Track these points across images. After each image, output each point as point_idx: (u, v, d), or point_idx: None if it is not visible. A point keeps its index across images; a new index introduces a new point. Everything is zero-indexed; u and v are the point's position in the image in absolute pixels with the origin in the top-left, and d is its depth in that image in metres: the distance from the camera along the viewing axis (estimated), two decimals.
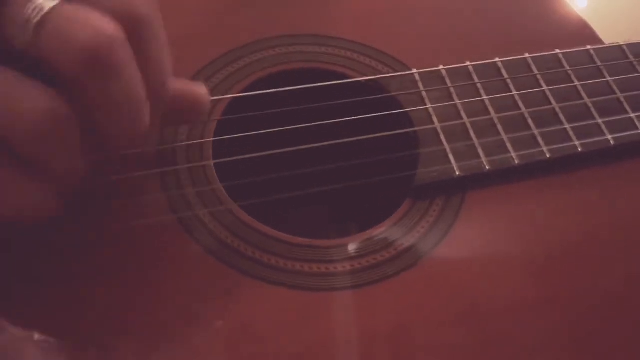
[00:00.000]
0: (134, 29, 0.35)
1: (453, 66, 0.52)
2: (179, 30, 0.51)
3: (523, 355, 0.41)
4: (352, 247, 0.44)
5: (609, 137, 0.50)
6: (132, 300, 0.39)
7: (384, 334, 0.40)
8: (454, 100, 0.50)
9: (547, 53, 0.54)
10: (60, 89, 0.33)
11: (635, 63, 0.55)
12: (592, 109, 0.51)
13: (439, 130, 0.49)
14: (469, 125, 0.49)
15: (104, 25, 0.33)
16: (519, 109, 0.51)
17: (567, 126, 0.50)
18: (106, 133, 0.36)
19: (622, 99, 0.53)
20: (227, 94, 0.49)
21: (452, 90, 0.51)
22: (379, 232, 0.45)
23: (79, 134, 0.35)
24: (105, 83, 0.34)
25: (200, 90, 0.42)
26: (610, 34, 0.58)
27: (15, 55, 0.33)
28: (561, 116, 0.51)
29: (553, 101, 0.51)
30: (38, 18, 0.32)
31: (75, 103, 0.34)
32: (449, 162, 0.47)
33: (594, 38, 0.57)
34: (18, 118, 0.32)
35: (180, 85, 0.41)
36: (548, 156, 0.48)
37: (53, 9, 0.33)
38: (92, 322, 0.38)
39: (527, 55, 0.54)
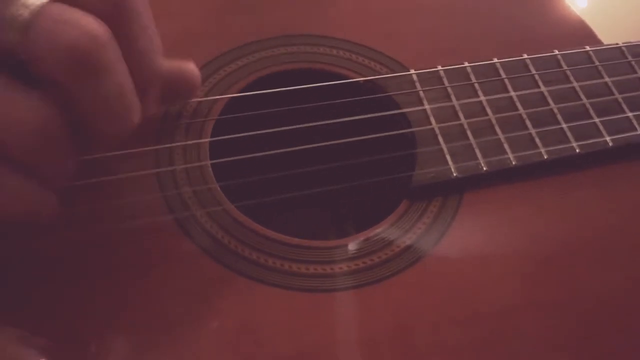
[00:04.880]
0: (121, 21, 0.35)
1: (451, 67, 0.52)
2: (178, 30, 0.51)
3: (520, 356, 0.41)
4: (349, 248, 0.44)
5: (607, 138, 0.50)
6: (128, 301, 0.39)
7: (383, 334, 0.40)
8: (451, 101, 0.50)
9: (545, 54, 0.54)
10: (49, 89, 0.33)
11: (633, 63, 0.55)
12: (590, 110, 0.51)
13: (437, 131, 0.49)
14: (466, 126, 0.49)
15: (90, 24, 0.33)
16: (517, 109, 0.50)
17: (565, 127, 0.50)
18: (98, 130, 0.36)
19: (621, 100, 0.52)
20: (224, 94, 0.49)
21: (449, 90, 0.51)
22: (377, 232, 0.45)
23: (71, 136, 0.35)
24: (93, 82, 0.34)
25: (190, 66, 0.42)
26: (610, 34, 0.58)
27: (3, 56, 0.33)
28: (559, 117, 0.51)
29: (551, 102, 0.51)
30: (25, 17, 0.32)
31: (64, 102, 0.34)
32: (446, 163, 0.47)
33: (593, 39, 0.57)
34: (12, 126, 0.32)
35: (169, 64, 0.41)
36: (546, 157, 0.48)
37: (40, 8, 0.33)
38: (88, 323, 0.38)
39: (525, 56, 0.53)
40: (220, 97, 0.48)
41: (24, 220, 0.36)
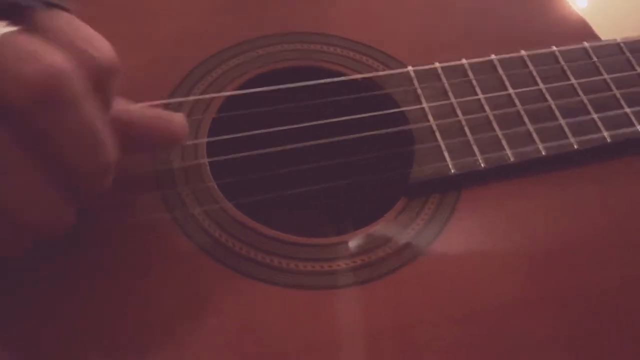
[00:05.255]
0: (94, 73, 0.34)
1: (448, 63, 0.52)
2: (176, 28, 0.52)
3: (518, 354, 0.41)
4: (347, 246, 0.44)
5: (605, 134, 0.50)
6: (126, 300, 0.39)
7: (383, 331, 0.40)
8: (449, 98, 0.50)
9: (543, 50, 0.54)
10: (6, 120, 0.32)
11: (632, 59, 0.55)
12: (589, 106, 0.51)
13: (434, 127, 0.48)
14: (464, 123, 0.49)
15: (50, 58, 0.31)
16: (515, 106, 0.50)
17: (563, 123, 0.50)
18: (70, 167, 0.34)
19: (619, 96, 0.52)
20: (221, 91, 0.49)
21: (447, 87, 0.51)
22: (375, 230, 0.45)
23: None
24: (58, 116, 0.32)
25: (176, 116, 0.41)
26: (611, 34, 0.58)
27: None
28: (557, 113, 0.51)
29: (549, 98, 0.51)
30: None
31: (32, 136, 0.32)
32: (444, 159, 0.47)
33: (592, 37, 0.57)
34: None
35: (155, 112, 0.40)
36: (544, 153, 0.48)
37: (2, 38, 0.31)
38: (88, 322, 0.38)
39: (523, 52, 0.53)
40: (218, 95, 0.48)
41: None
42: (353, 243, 0.44)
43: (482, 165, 0.47)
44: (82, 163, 0.34)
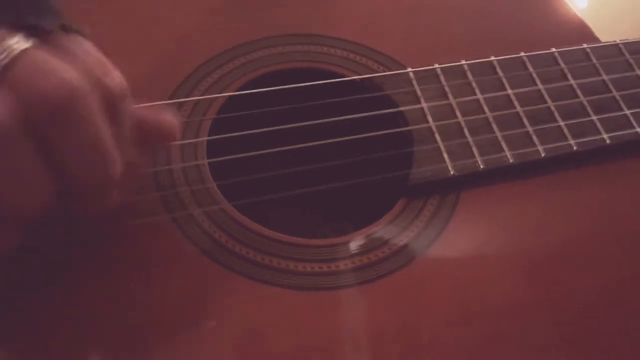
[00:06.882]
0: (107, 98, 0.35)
1: (448, 65, 0.52)
2: (176, 30, 0.52)
3: (519, 355, 0.41)
4: (346, 247, 0.44)
5: (605, 135, 0.50)
6: (127, 302, 0.39)
7: (384, 331, 0.40)
8: (448, 99, 0.50)
9: (542, 52, 0.54)
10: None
11: (631, 61, 0.55)
12: (588, 108, 0.51)
13: (434, 129, 0.49)
14: (463, 124, 0.49)
15: (68, 75, 0.33)
16: (514, 107, 0.50)
17: (562, 125, 0.50)
18: (74, 178, 0.35)
19: (618, 97, 0.52)
20: (222, 92, 0.49)
21: (446, 88, 0.51)
22: (374, 231, 0.45)
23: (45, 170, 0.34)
24: (66, 130, 0.34)
25: (169, 117, 0.41)
26: (610, 34, 0.58)
27: None
28: (556, 115, 0.51)
29: (548, 100, 0.51)
30: (6, 61, 0.32)
31: (41, 143, 0.33)
32: (444, 161, 0.47)
33: (592, 38, 0.57)
34: None
35: (149, 114, 0.41)
36: (543, 155, 0.48)
37: (23, 52, 0.33)
38: (88, 324, 0.38)
39: (522, 53, 0.53)
40: (218, 95, 0.48)
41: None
42: (353, 244, 0.44)
43: (482, 166, 0.47)
44: (82, 174, 0.35)
